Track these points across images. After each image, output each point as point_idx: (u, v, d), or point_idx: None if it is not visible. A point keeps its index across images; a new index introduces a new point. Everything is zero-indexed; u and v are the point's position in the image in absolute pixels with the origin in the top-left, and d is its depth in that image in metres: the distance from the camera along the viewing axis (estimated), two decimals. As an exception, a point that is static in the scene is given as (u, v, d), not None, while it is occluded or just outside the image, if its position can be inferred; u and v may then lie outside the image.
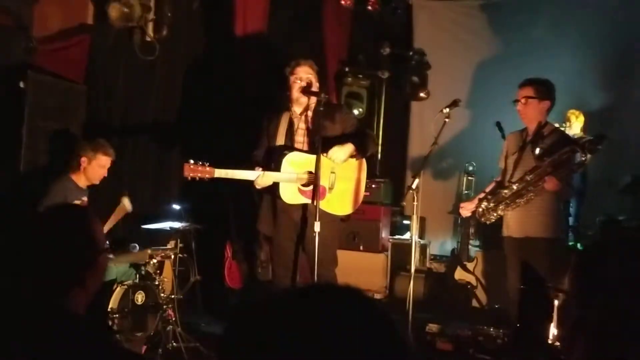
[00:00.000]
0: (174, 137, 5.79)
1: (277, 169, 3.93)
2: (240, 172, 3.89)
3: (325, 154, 3.92)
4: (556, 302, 3.58)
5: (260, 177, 3.85)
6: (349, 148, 3.98)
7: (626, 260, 1.30)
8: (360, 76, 6.94)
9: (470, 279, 5.70)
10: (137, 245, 4.41)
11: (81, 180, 4.25)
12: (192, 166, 3.80)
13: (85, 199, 4.27)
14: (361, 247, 6.02)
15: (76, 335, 1.43)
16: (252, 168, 3.90)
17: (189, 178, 3.81)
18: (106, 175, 4.32)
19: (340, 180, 4.06)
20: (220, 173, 3.85)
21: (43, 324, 1.42)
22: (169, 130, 5.72)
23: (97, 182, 4.31)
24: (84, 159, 4.20)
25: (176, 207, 4.97)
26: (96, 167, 4.22)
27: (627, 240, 1.41)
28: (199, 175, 3.80)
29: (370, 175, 5.11)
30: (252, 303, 0.88)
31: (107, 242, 3.83)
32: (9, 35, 4.50)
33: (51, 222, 1.57)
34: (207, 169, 3.81)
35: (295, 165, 3.96)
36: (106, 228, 4.36)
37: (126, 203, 4.45)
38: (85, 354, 1.41)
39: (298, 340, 0.80)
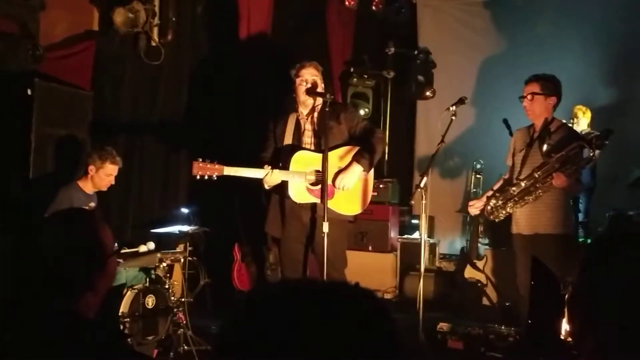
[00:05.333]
0: (181, 141, 5.81)
1: (285, 167, 3.94)
2: (248, 170, 3.91)
3: (333, 186, 3.93)
4: (567, 298, 3.56)
5: (269, 175, 3.86)
6: (355, 171, 3.98)
7: (635, 253, 1.29)
8: (366, 76, 6.93)
9: (480, 277, 5.68)
10: (153, 243, 4.44)
11: (88, 186, 4.27)
12: (200, 164, 3.82)
13: (93, 204, 4.29)
14: (370, 247, 6.01)
15: (88, 339, 1.44)
16: (260, 168, 3.90)
17: (198, 176, 3.83)
18: (114, 183, 4.35)
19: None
20: (229, 171, 3.87)
21: (54, 328, 1.42)
22: (175, 134, 5.74)
23: (104, 189, 4.34)
24: (91, 167, 4.22)
25: (185, 210, 4.99)
26: (103, 176, 4.24)
27: (636, 232, 1.40)
28: (208, 173, 3.82)
29: (378, 175, 5.11)
30: (254, 302, 0.88)
31: (116, 245, 3.85)
32: (16, 43, 4.53)
33: (58, 227, 1.57)
34: (216, 166, 3.84)
35: (303, 164, 3.96)
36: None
37: (150, 246, 4.46)
38: (98, 358, 1.41)
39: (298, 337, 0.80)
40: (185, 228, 4.75)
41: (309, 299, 0.86)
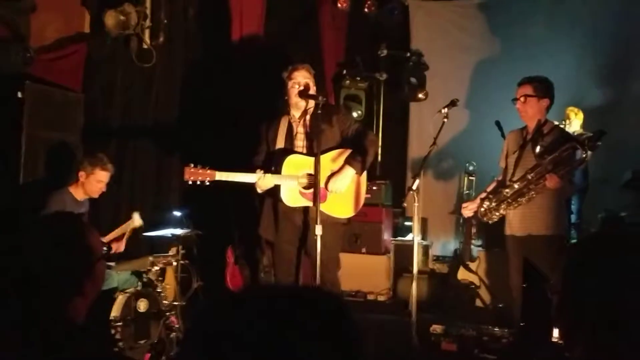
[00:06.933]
0: (173, 143, 5.79)
1: (277, 171, 3.93)
2: (240, 175, 3.89)
3: (325, 188, 3.92)
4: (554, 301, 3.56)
5: (261, 179, 3.85)
6: (348, 174, 3.97)
7: (620, 253, 1.29)
8: (358, 78, 6.93)
9: (474, 278, 5.68)
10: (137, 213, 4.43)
11: (79, 193, 4.24)
12: (192, 169, 3.80)
13: (83, 211, 4.27)
14: (363, 250, 6.00)
15: (77, 345, 1.42)
16: (252, 172, 3.89)
17: (190, 181, 3.81)
18: (105, 190, 4.32)
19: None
20: (221, 176, 3.86)
21: (43, 334, 1.41)
22: (167, 137, 5.72)
23: (95, 196, 4.31)
24: (82, 173, 4.20)
25: (177, 213, 4.97)
26: (94, 182, 4.22)
27: (622, 233, 1.41)
28: (200, 178, 3.81)
29: (371, 177, 5.10)
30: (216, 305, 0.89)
31: (105, 249, 3.83)
32: (6, 46, 4.49)
33: (45, 231, 1.56)
34: (208, 171, 3.82)
35: (296, 167, 3.95)
36: (110, 237, 4.36)
37: (136, 218, 4.46)
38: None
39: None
40: (178, 231, 4.74)
41: (269, 302, 0.86)
